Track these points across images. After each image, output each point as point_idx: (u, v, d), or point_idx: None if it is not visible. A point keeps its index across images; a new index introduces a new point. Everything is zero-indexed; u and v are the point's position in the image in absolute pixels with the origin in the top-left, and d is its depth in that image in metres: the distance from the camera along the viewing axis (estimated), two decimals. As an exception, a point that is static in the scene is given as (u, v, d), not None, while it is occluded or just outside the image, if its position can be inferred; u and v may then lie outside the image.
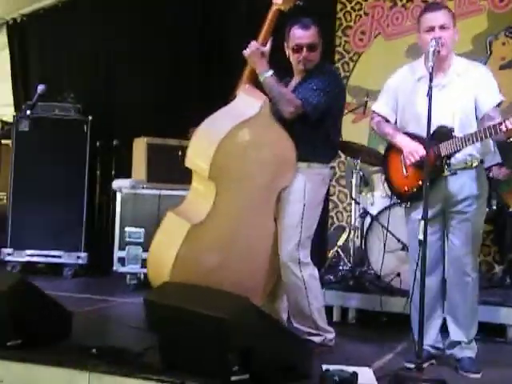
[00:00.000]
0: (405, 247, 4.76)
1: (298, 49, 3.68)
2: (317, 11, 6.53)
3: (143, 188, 5.90)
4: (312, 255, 3.79)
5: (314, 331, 3.74)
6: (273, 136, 3.62)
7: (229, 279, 3.54)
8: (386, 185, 3.78)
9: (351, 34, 6.61)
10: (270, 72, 3.61)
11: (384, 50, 6.48)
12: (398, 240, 4.78)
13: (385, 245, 4.74)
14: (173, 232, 3.57)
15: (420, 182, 3.48)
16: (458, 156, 3.41)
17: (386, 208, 4.92)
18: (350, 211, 6.47)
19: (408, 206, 3.60)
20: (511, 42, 6.13)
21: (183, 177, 5.93)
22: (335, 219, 6.66)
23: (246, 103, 3.62)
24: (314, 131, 3.66)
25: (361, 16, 6.57)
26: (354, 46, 6.61)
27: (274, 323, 3.14)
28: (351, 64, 6.60)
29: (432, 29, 3.37)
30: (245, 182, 3.58)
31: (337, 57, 6.63)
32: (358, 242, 5.24)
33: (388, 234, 4.78)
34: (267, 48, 3.65)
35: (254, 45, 3.63)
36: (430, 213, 3.49)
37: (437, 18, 3.38)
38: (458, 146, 3.33)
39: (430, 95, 3.14)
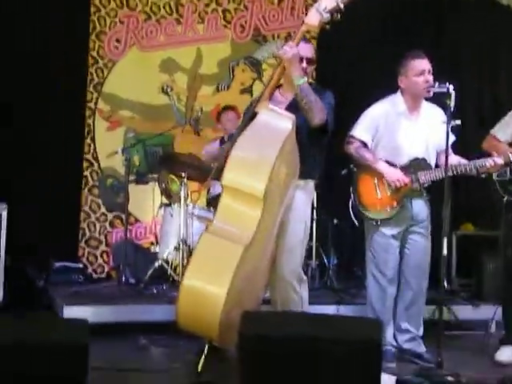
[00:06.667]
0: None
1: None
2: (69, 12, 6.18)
3: None
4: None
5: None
6: (292, 154, 3.63)
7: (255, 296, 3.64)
8: (352, 202, 4.17)
9: (106, 40, 6.39)
10: (306, 78, 3.56)
11: (138, 61, 6.52)
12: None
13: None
14: (219, 255, 3.33)
15: (395, 203, 4.05)
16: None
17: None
18: (105, 222, 6.34)
19: (379, 223, 4.09)
20: (249, 69, 6.92)
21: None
22: (87, 230, 6.33)
23: (277, 120, 3.55)
24: (318, 148, 3.77)
25: (116, 23, 6.42)
26: (108, 52, 6.40)
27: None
28: (105, 71, 6.39)
29: (423, 73, 3.97)
30: (275, 199, 3.55)
31: (90, 61, 6.34)
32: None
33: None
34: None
35: (292, 46, 3.48)
36: (399, 229, 4.10)
37: (426, 63, 4.01)
38: (437, 175, 4.00)
39: (447, 131, 3.77)
